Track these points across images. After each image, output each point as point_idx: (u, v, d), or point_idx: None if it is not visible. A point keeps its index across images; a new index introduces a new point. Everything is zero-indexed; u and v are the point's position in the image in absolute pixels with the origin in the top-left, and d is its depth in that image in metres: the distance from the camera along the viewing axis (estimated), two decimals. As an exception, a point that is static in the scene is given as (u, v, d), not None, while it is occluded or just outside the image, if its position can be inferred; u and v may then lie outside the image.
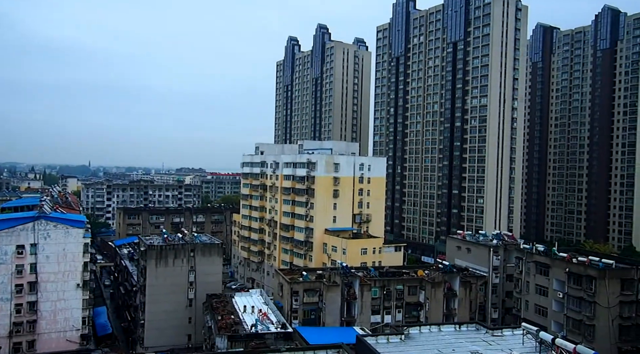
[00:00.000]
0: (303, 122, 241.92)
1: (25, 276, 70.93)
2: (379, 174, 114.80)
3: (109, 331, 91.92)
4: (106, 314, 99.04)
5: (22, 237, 71.00)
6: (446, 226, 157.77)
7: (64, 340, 72.66)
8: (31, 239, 71.43)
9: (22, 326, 70.46)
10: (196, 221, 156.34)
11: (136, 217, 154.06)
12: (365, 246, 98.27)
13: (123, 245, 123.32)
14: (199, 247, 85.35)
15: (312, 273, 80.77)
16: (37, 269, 71.57)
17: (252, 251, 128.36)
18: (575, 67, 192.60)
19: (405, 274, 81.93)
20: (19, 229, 70.96)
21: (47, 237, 72.29)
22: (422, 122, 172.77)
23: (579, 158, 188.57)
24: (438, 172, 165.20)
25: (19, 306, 70.53)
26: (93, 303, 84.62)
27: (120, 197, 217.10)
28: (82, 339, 73.90)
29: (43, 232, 72.11)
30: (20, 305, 70.63)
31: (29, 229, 71.51)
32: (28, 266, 71.16)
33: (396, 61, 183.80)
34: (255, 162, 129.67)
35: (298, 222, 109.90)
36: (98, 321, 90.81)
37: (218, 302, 72.82)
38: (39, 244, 71.71)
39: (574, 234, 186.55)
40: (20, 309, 70.55)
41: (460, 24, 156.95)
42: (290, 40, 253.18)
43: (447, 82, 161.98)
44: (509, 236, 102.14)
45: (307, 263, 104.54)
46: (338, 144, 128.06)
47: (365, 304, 73.27)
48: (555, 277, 75.04)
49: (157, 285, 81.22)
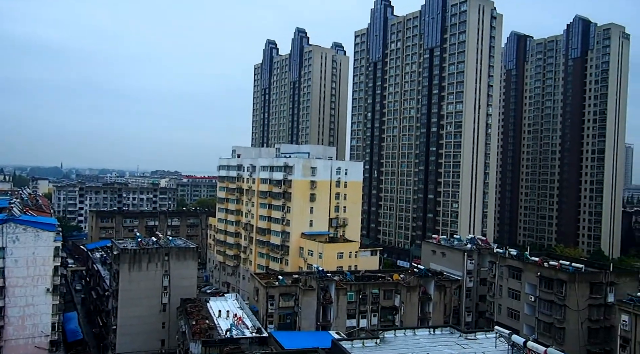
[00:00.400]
0: (280, 126, 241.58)
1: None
2: (355, 179, 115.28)
3: (79, 337, 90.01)
4: (77, 320, 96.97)
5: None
6: (422, 231, 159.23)
7: (32, 347, 70.74)
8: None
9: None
10: (171, 224, 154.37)
11: (109, 221, 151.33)
12: (341, 250, 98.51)
13: (95, 249, 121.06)
14: (173, 251, 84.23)
15: (288, 277, 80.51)
16: (5, 273, 69.57)
17: (227, 255, 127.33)
18: (547, 75, 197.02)
19: (381, 278, 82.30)
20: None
21: (16, 240, 70.36)
22: (398, 127, 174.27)
23: (551, 164, 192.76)
24: (414, 176, 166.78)
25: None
26: (63, 308, 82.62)
27: (93, 200, 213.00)
28: (51, 345, 72.04)
29: (12, 236, 70.16)
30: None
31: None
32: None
33: (374, 66, 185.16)
34: (232, 166, 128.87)
35: (274, 226, 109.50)
36: (68, 327, 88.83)
37: (193, 307, 71.97)
38: (7, 247, 69.72)
39: (545, 239, 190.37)
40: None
41: (437, 31, 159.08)
42: (269, 43, 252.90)
43: (424, 87, 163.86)
44: (482, 241, 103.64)
45: (283, 267, 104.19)
46: (315, 148, 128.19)
47: (341, 308, 73.33)
48: (527, 281, 76.40)
49: (130, 290, 79.81)
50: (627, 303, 59.44)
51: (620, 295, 66.64)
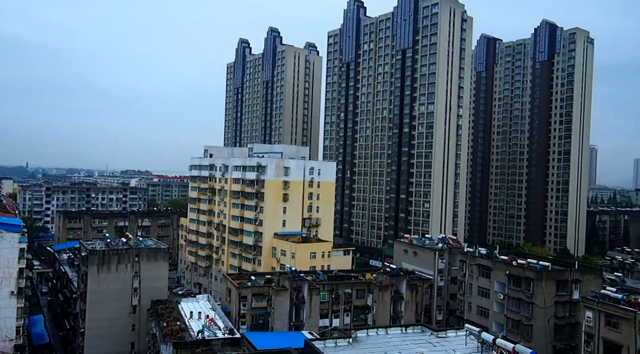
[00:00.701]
0: (253, 125, 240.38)
1: (-47, 283, 66.50)
2: (328, 179, 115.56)
3: (45, 341, 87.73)
4: (43, 323, 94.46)
5: (-50, 242, 66.54)
6: (394, 230, 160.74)
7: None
8: (-40, 245, 67.07)
9: (-52, 338, 65.99)
10: (142, 225, 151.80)
11: (77, 221, 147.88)
12: (314, 250, 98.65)
13: (63, 250, 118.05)
14: (144, 252, 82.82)
15: (260, 277, 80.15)
16: (-33, 276, 67.23)
17: (199, 255, 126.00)
18: (516, 78, 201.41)
19: (353, 277, 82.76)
20: (-54, 233, 66.47)
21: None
22: (371, 127, 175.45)
23: (519, 164, 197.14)
24: (386, 176, 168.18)
25: (-54, 316, 66.04)
26: (29, 311, 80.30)
27: (61, 200, 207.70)
28: (15, 350, 69.84)
29: (-26, 237, 67.83)
30: (-53, 315, 66.15)
31: (-42, 233, 67.12)
32: (-44, 273, 66.77)
33: (347, 66, 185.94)
34: (204, 165, 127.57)
35: (247, 226, 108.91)
36: (34, 331, 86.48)
37: (163, 308, 70.99)
38: (-31, 249, 67.40)
39: (514, 238, 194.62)
40: (-53, 320, 66.07)
41: (409, 32, 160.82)
42: (241, 42, 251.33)
43: (396, 88, 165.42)
44: (453, 240, 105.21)
45: (255, 268, 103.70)
46: (288, 148, 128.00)
47: (313, 308, 73.42)
48: (497, 279, 77.96)
49: (99, 292, 78.15)
50: (591, 300, 61.25)
51: (584, 292, 68.61)
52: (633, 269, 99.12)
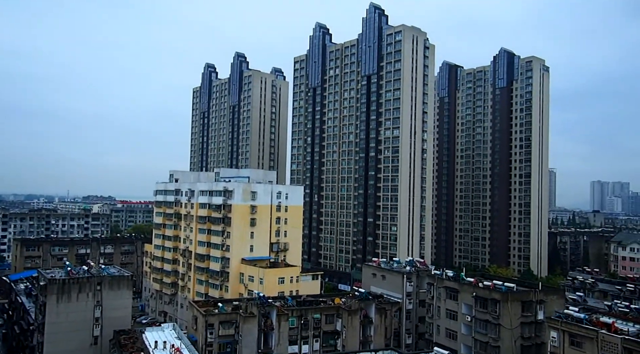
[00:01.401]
0: (220, 150, 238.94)
1: None
2: (296, 203, 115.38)
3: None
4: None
5: None
6: (362, 254, 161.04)
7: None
8: None
9: None
10: (104, 252, 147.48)
11: (36, 249, 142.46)
12: (282, 275, 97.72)
13: (20, 280, 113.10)
14: (106, 280, 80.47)
15: (228, 304, 78.69)
16: None
17: (164, 282, 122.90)
18: (477, 103, 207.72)
19: (322, 302, 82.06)
20: None
21: None
22: (338, 151, 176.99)
23: (483, 188, 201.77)
24: (354, 200, 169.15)
25: None
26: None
27: (18, 227, 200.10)
28: (-34, 387, 66.22)
29: None
30: None
31: None
32: None
33: (313, 92, 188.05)
34: (169, 190, 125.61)
35: (214, 252, 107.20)
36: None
37: (127, 338, 68.75)
38: None
39: (479, 260, 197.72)
40: None
41: (374, 59, 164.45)
42: (208, 66, 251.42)
43: (362, 113, 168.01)
44: (421, 263, 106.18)
45: (223, 294, 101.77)
46: (255, 172, 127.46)
47: (282, 334, 72.35)
48: (464, 301, 78.82)
49: (58, 323, 75.18)
50: (555, 320, 62.49)
51: (549, 312, 70.02)
52: (593, 288, 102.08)
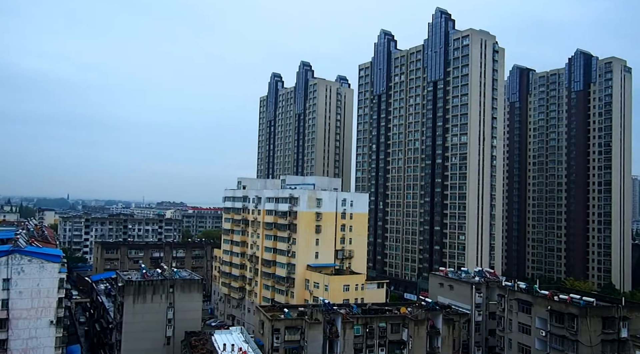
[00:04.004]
0: (286, 158, 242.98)
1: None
2: (361, 210, 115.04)
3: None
4: (80, 353, 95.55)
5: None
6: (428, 263, 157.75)
7: (34, 381, 69.62)
8: (4, 274, 69.25)
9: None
10: (176, 255, 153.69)
11: (114, 252, 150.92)
12: (347, 282, 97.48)
13: (100, 280, 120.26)
14: (178, 283, 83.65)
15: (293, 309, 79.45)
16: (9, 305, 69.16)
17: (232, 287, 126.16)
18: (551, 108, 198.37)
19: (388, 311, 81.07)
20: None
21: (20, 272, 70.21)
22: (403, 158, 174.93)
23: (557, 196, 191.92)
24: (420, 208, 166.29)
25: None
26: (67, 341, 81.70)
27: (99, 231, 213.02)
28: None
29: (17, 267, 70.05)
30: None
31: (2, 263, 69.40)
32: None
33: (378, 99, 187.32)
34: (237, 197, 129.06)
35: (280, 258, 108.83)
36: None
37: (197, 340, 70.99)
38: (12, 279, 69.53)
39: (554, 272, 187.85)
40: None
41: (440, 64, 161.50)
42: (274, 76, 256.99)
43: (428, 120, 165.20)
44: (490, 273, 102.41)
45: (288, 300, 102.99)
46: (320, 180, 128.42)
47: (347, 342, 72.04)
48: (538, 315, 75.08)
49: (134, 322, 78.95)
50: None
51: (633, 330, 65.30)
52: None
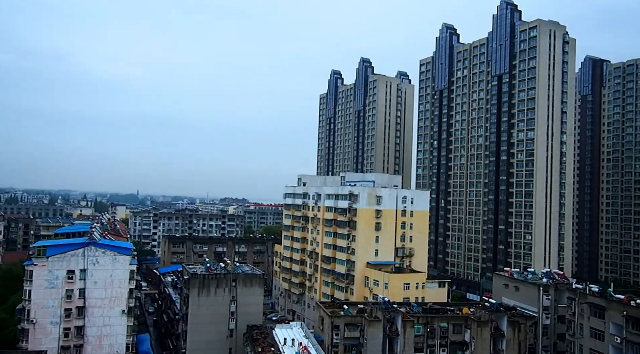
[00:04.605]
0: (345, 155, 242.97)
1: (74, 300, 72.92)
2: (422, 208, 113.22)
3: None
4: (149, 342, 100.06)
5: (72, 262, 73.30)
6: (492, 263, 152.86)
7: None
8: (81, 265, 73.64)
9: (69, 350, 72.08)
10: (238, 250, 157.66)
11: (180, 246, 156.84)
12: (407, 280, 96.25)
13: (167, 273, 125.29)
14: (240, 277, 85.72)
15: (353, 306, 79.46)
16: (86, 294, 73.49)
17: (293, 282, 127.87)
18: (627, 101, 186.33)
19: (449, 311, 79.44)
20: (70, 254, 73.39)
21: (95, 263, 74.42)
22: (466, 155, 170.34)
23: (635, 194, 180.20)
24: (483, 206, 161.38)
25: (67, 330, 72.32)
26: (137, 329, 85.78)
27: (166, 225, 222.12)
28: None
29: (92, 258, 74.31)
30: (69, 329, 72.40)
31: (79, 255, 73.84)
32: (77, 291, 73.15)
33: (439, 94, 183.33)
34: (297, 194, 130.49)
35: (339, 255, 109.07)
36: (141, 348, 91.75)
37: (258, 333, 72.48)
38: (88, 269, 73.82)
39: (631, 275, 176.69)
40: (68, 334, 72.29)
41: (505, 57, 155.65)
42: (334, 73, 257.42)
43: (492, 115, 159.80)
44: (559, 275, 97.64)
45: (348, 296, 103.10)
46: (380, 177, 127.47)
47: (407, 341, 71.21)
48: (612, 320, 70.86)
49: (199, 314, 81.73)
50: None
51: None
52: None
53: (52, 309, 71.63)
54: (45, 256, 72.21)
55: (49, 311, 71.31)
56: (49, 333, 71.19)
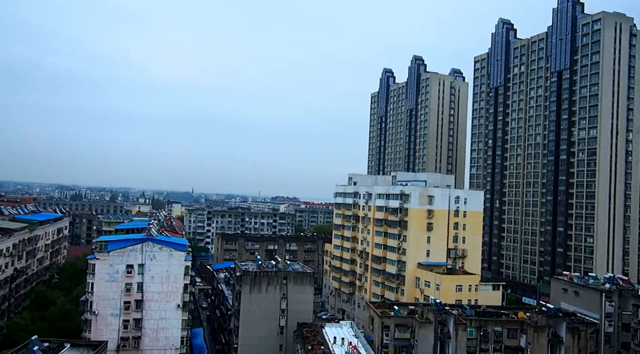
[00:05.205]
0: (397, 154, 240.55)
1: (132, 294, 75.85)
2: (475, 208, 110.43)
3: (204, 353, 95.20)
4: (202, 336, 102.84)
5: (131, 257, 76.25)
6: (550, 266, 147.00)
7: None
8: (139, 260, 76.49)
9: (128, 341, 75.09)
10: (289, 249, 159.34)
11: (233, 243, 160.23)
12: (460, 282, 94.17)
13: (220, 269, 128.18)
14: (291, 275, 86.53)
15: (403, 307, 78.56)
16: (143, 288, 76.21)
17: (343, 281, 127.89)
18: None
19: (504, 315, 77.08)
20: (129, 249, 76.40)
21: (153, 258, 77.09)
22: (522, 154, 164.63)
23: None
24: (541, 207, 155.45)
25: (126, 322, 75.31)
26: (191, 323, 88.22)
27: (219, 223, 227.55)
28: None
29: (149, 254, 77.02)
30: (127, 321, 75.39)
31: (138, 250, 76.71)
32: (135, 285, 76.01)
33: (495, 92, 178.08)
34: (348, 193, 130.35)
35: (390, 255, 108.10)
36: (195, 342, 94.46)
37: (308, 331, 72.94)
38: (146, 264, 76.57)
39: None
40: (127, 325, 75.29)
41: (566, 52, 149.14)
42: (385, 72, 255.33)
43: (551, 113, 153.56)
44: (624, 280, 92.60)
45: (398, 297, 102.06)
46: (432, 176, 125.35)
47: (460, 344, 69.64)
48: (682, 330, 66.54)
49: (251, 310, 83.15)
50: None
51: None
52: None
53: (113, 301, 74.79)
54: (107, 251, 75.51)
55: (109, 303, 74.52)
56: (109, 324, 74.41)
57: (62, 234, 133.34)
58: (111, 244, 76.73)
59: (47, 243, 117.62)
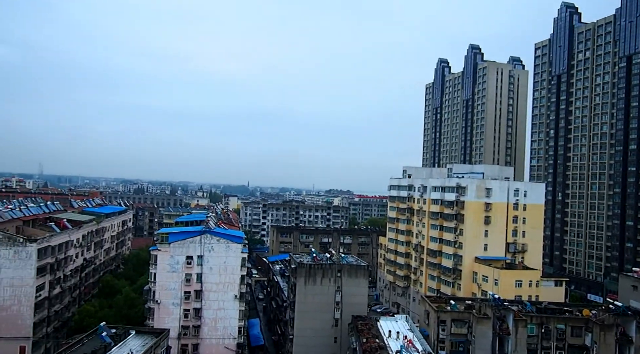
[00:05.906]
0: (452, 146, 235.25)
1: (192, 284, 78.53)
2: (536, 201, 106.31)
3: (261, 343, 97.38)
4: (259, 326, 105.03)
5: (190, 249, 78.92)
6: (618, 262, 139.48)
7: (222, 347, 78.55)
8: (198, 251, 79.02)
9: (188, 330, 77.90)
10: (343, 242, 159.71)
11: (288, 236, 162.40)
12: (520, 277, 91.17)
13: (275, 261, 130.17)
14: (345, 268, 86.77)
15: (460, 302, 77.03)
16: (202, 278, 78.76)
17: (397, 275, 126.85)
18: None
19: (567, 312, 74.01)
20: (188, 241, 79.10)
21: (211, 250, 79.42)
22: (587, 145, 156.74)
23: None
24: (607, 200, 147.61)
25: (187, 311, 78.14)
26: (248, 314, 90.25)
27: (274, 216, 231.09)
28: (238, 347, 79.16)
29: (208, 246, 79.38)
30: (188, 311, 78.21)
31: (197, 242, 79.27)
32: (195, 276, 78.68)
33: (557, 79, 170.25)
34: (402, 186, 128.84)
35: (446, 249, 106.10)
36: (252, 332, 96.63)
37: (363, 324, 72.92)
38: (204, 256, 79.01)
39: None
40: (187, 314, 78.10)
41: (636, 36, 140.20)
42: (440, 62, 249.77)
43: (620, 100, 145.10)
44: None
45: (455, 292, 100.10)
46: (490, 168, 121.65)
47: (520, 341, 67.45)
48: None
49: (306, 302, 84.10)
50: None
51: None
52: None
53: (174, 291, 77.74)
54: (168, 243, 78.49)
55: (170, 293, 77.52)
56: (170, 312, 77.44)
57: (126, 226, 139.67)
58: (172, 236, 79.65)
59: (112, 235, 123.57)
